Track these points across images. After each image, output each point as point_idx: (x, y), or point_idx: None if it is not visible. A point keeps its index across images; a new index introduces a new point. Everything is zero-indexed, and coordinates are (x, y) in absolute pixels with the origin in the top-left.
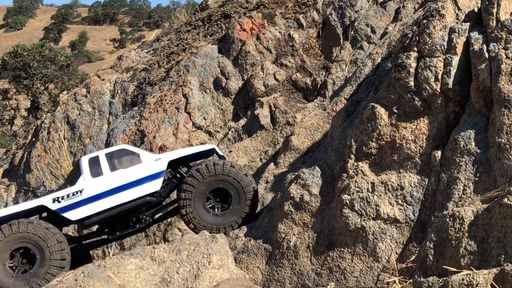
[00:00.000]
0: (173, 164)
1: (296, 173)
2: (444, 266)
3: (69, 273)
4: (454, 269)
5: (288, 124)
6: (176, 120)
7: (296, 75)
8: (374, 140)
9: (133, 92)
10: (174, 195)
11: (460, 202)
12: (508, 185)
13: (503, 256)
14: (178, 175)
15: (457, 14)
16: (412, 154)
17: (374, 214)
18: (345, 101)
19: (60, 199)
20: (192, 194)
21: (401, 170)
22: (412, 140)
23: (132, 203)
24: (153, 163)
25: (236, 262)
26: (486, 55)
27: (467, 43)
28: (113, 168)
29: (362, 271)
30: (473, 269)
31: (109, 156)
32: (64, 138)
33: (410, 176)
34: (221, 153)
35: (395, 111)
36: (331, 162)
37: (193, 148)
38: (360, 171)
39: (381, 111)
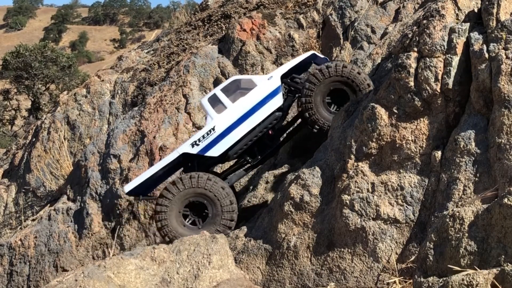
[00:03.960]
0: (283, 78)
1: (296, 173)
2: (448, 266)
3: (69, 273)
4: (456, 268)
5: None
6: (176, 120)
7: None
8: (374, 140)
9: (133, 92)
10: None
11: (460, 202)
12: (508, 185)
13: (503, 256)
14: (290, 87)
15: (457, 14)
16: (412, 154)
17: (374, 214)
18: None
19: (197, 142)
20: (312, 98)
21: (401, 170)
22: (412, 140)
23: (264, 123)
24: (267, 82)
25: (236, 262)
26: (486, 55)
27: (467, 43)
28: (233, 99)
29: (362, 271)
30: (476, 268)
31: (225, 90)
32: (64, 138)
33: (410, 176)
34: (322, 56)
35: (395, 111)
36: (331, 162)
37: (296, 58)
38: (360, 171)
39: (381, 111)
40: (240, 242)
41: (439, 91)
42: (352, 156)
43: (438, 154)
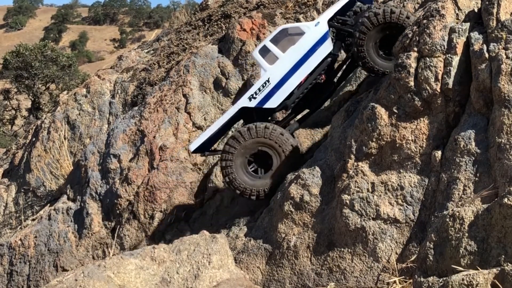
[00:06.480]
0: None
1: (296, 173)
2: (448, 266)
3: (69, 273)
4: (457, 267)
5: None
6: (176, 120)
7: None
8: (374, 140)
9: (133, 92)
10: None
11: (460, 202)
12: (508, 185)
13: (503, 256)
14: (338, 30)
15: (457, 14)
16: (412, 154)
17: (374, 214)
18: (345, 101)
19: (254, 95)
20: (364, 47)
21: (401, 170)
22: (412, 140)
23: (318, 70)
24: (315, 29)
25: (236, 262)
26: (486, 55)
27: (467, 43)
28: (283, 49)
29: (362, 271)
30: (478, 268)
31: (274, 40)
32: (64, 138)
33: (410, 176)
34: None
35: (395, 111)
36: (331, 162)
37: (341, 1)
38: (360, 171)
39: (381, 111)
40: (240, 242)
41: (439, 91)
42: (352, 156)
43: (438, 154)
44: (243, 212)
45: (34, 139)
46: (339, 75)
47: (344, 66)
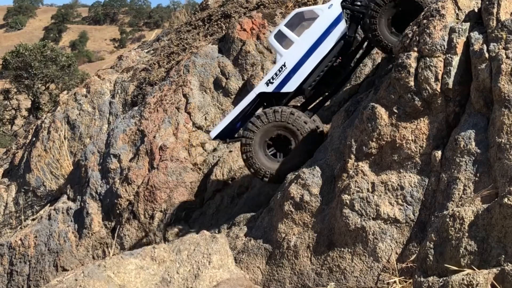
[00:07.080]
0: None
1: (296, 173)
2: (446, 265)
3: (69, 273)
4: (455, 268)
5: None
6: (176, 120)
7: None
8: (374, 140)
9: (133, 92)
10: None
11: (460, 202)
12: (508, 185)
13: (503, 256)
14: (353, 11)
15: (457, 14)
16: (412, 154)
17: (374, 214)
18: (345, 101)
19: (271, 80)
20: (377, 20)
21: (401, 170)
22: (412, 140)
23: (332, 52)
24: (329, 11)
25: (236, 262)
26: (486, 55)
27: (467, 43)
28: (298, 33)
29: (362, 271)
30: (475, 268)
31: (289, 25)
32: (64, 138)
33: (410, 176)
34: None
35: (395, 111)
36: (331, 162)
37: None
38: (360, 171)
39: (381, 111)
40: (240, 241)
41: (439, 91)
42: (352, 156)
43: (438, 154)
44: (243, 212)
45: (34, 139)
46: (357, 57)
47: (361, 49)
